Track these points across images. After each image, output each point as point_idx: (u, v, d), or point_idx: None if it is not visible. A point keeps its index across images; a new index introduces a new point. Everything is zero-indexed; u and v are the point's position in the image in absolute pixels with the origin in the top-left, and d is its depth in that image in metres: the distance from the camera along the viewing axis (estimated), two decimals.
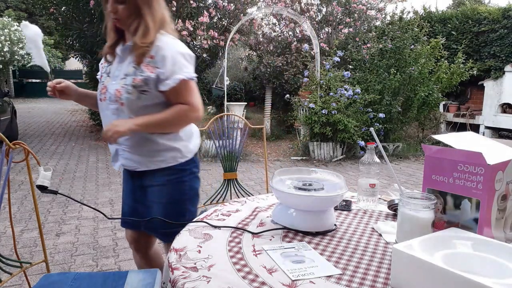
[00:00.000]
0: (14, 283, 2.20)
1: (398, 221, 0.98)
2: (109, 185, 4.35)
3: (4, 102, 6.35)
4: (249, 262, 0.92)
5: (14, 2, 21.05)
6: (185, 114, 1.33)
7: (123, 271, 1.31)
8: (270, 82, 8.22)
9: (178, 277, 0.85)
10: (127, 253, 2.62)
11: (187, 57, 1.35)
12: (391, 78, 6.16)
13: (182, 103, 1.32)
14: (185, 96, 1.32)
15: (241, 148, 2.22)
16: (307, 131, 6.30)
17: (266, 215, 1.26)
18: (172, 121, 1.34)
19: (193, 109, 1.33)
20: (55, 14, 7.46)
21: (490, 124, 7.74)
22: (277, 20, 9.01)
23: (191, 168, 1.48)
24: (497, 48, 7.64)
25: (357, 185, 1.39)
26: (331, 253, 0.98)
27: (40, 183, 1.21)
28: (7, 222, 3.09)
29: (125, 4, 1.28)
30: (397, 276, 0.80)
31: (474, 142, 1.00)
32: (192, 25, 6.57)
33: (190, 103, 1.33)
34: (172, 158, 1.42)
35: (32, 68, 18.35)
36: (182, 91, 1.32)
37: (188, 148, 1.46)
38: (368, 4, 8.29)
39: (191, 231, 1.11)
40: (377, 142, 1.13)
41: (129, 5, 1.28)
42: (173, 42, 1.34)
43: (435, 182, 0.97)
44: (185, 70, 1.32)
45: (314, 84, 6.17)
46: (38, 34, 1.44)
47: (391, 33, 6.65)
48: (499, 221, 0.94)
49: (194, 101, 1.34)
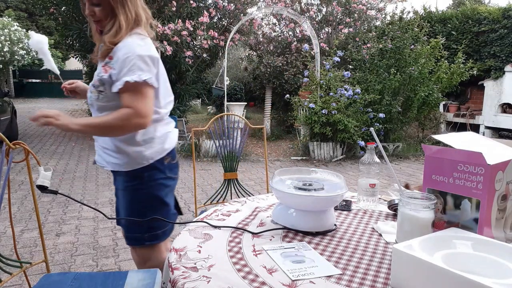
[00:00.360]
0: (14, 283, 2.20)
1: (398, 221, 0.98)
2: (109, 185, 4.35)
3: (4, 102, 6.35)
4: (249, 262, 0.92)
5: (14, 2, 21.05)
6: (127, 119, 1.26)
7: (123, 271, 1.31)
8: (270, 82, 8.22)
9: (178, 277, 0.85)
10: (127, 253, 2.62)
11: (147, 59, 1.29)
12: (391, 78, 6.16)
13: (127, 107, 1.27)
14: (130, 100, 1.26)
15: (241, 148, 2.22)
16: (307, 131, 6.30)
17: (266, 215, 1.25)
18: (113, 125, 1.27)
19: (137, 114, 1.26)
20: (55, 14, 7.46)
21: (490, 124, 7.74)
22: (277, 20, 9.01)
23: (152, 175, 1.41)
24: (497, 48, 7.63)
25: (357, 185, 1.39)
26: (331, 253, 0.98)
27: (40, 183, 1.21)
28: (7, 222, 3.09)
29: (101, 6, 1.29)
30: (397, 276, 0.80)
31: (474, 142, 1.00)
32: (192, 25, 6.56)
33: (134, 107, 1.26)
34: (126, 163, 1.38)
35: (32, 68, 18.35)
36: (129, 94, 1.27)
37: (142, 155, 1.38)
38: (368, 4, 8.28)
39: (191, 231, 1.11)
40: (377, 142, 1.13)
41: (104, 6, 1.29)
42: (135, 43, 1.29)
43: (435, 182, 0.97)
44: (138, 73, 1.25)
45: (314, 84, 6.17)
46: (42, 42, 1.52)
47: (391, 33, 6.65)
48: (499, 221, 0.94)
49: (140, 106, 1.26)
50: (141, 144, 1.38)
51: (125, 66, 1.25)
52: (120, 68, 1.26)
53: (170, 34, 6.44)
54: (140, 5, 1.37)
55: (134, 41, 1.29)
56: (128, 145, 1.37)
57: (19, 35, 14.86)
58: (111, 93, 1.31)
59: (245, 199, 1.45)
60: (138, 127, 1.29)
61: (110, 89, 1.31)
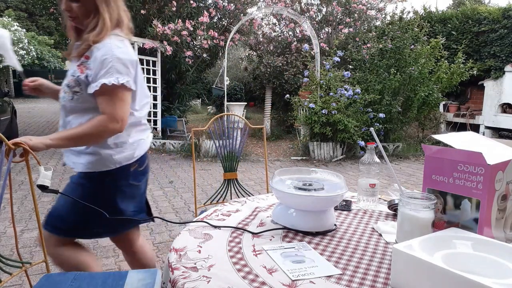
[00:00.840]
0: (14, 283, 2.20)
1: (398, 221, 0.98)
2: None
3: (4, 102, 6.35)
4: (249, 262, 0.92)
5: (14, 2, 21.05)
6: (102, 125, 1.24)
7: (123, 271, 1.31)
8: (270, 82, 8.23)
9: (178, 277, 0.85)
10: None
11: (126, 62, 1.26)
12: (391, 78, 6.16)
13: (103, 111, 1.25)
14: (106, 104, 1.25)
15: (241, 148, 2.22)
16: (307, 131, 6.30)
17: (266, 215, 1.26)
18: (89, 134, 1.25)
19: (112, 119, 1.24)
20: (55, 14, 7.47)
21: (490, 124, 7.74)
22: (277, 20, 9.02)
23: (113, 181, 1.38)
24: (497, 48, 7.64)
25: (357, 185, 1.39)
26: (331, 253, 0.98)
27: (40, 182, 1.21)
28: (7, 222, 3.09)
29: (80, 2, 1.25)
30: (397, 276, 0.80)
31: (474, 142, 1.00)
32: (192, 25, 6.57)
33: (110, 112, 1.24)
34: (92, 164, 1.35)
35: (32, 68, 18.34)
36: (105, 97, 1.25)
37: (111, 158, 1.35)
38: (368, 4, 8.29)
39: (191, 231, 1.11)
40: (377, 142, 1.14)
41: (85, 3, 1.25)
42: (114, 44, 1.26)
43: (435, 182, 0.97)
44: (116, 75, 1.23)
45: (314, 84, 6.17)
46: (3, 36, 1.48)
47: (391, 33, 6.65)
48: (499, 221, 0.94)
49: (115, 110, 1.25)
50: (111, 147, 1.35)
51: (103, 67, 1.23)
52: (97, 69, 1.24)
53: (170, 34, 6.44)
54: (122, 7, 1.35)
55: (113, 42, 1.27)
56: (98, 147, 1.34)
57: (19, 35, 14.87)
58: (87, 94, 1.28)
59: (245, 199, 1.45)
60: (114, 131, 1.27)
61: (86, 90, 1.28)
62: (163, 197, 3.95)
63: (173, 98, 7.87)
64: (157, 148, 6.65)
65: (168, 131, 7.54)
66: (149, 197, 3.89)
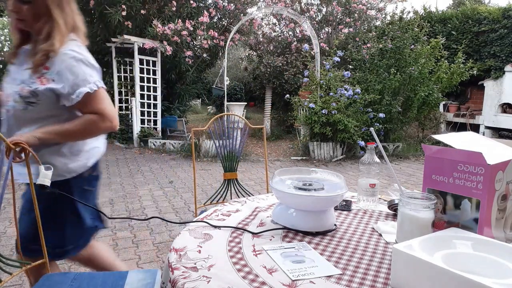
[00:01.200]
0: (14, 283, 2.20)
1: (398, 221, 0.98)
2: (109, 185, 4.35)
3: None
4: (249, 262, 0.92)
5: None
6: (94, 124, 1.25)
7: (123, 271, 1.31)
8: (270, 82, 8.23)
9: (178, 277, 0.85)
10: (127, 253, 2.62)
11: (87, 63, 1.25)
12: (391, 78, 6.16)
13: (92, 112, 1.24)
14: (93, 106, 1.24)
15: (241, 148, 2.22)
16: (307, 131, 6.31)
17: (266, 215, 1.26)
18: (80, 132, 1.25)
19: (104, 118, 1.25)
20: None
21: (490, 124, 7.75)
22: (277, 20, 9.02)
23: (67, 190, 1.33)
24: (497, 48, 7.64)
25: (357, 185, 1.39)
26: (331, 253, 0.98)
27: (40, 182, 1.21)
28: (7, 222, 3.09)
29: (30, 4, 1.19)
30: (397, 276, 0.80)
31: (474, 142, 1.00)
32: (192, 25, 6.57)
33: (100, 112, 1.24)
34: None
35: None
36: (91, 102, 1.23)
37: (67, 167, 1.32)
38: (368, 4, 8.29)
39: (191, 231, 1.11)
40: (377, 142, 1.13)
41: (36, 5, 1.20)
42: (75, 51, 1.23)
43: (435, 182, 0.97)
44: (89, 79, 1.22)
45: (314, 84, 6.17)
46: None
47: (391, 33, 6.65)
48: (499, 221, 0.94)
49: (105, 110, 1.25)
50: (66, 156, 1.32)
51: (75, 76, 1.20)
52: (71, 80, 1.20)
53: (170, 34, 6.44)
54: (76, 11, 1.31)
55: (73, 49, 1.23)
56: (52, 155, 1.30)
57: None
58: (49, 105, 1.24)
59: (245, 199, 1.45)
60: (107, 130, 1.28)
61: (48, 101, 1.23)
62: (163, 197, 3.95)
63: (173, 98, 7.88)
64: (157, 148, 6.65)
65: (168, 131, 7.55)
66: (149, 197, 3.92)
